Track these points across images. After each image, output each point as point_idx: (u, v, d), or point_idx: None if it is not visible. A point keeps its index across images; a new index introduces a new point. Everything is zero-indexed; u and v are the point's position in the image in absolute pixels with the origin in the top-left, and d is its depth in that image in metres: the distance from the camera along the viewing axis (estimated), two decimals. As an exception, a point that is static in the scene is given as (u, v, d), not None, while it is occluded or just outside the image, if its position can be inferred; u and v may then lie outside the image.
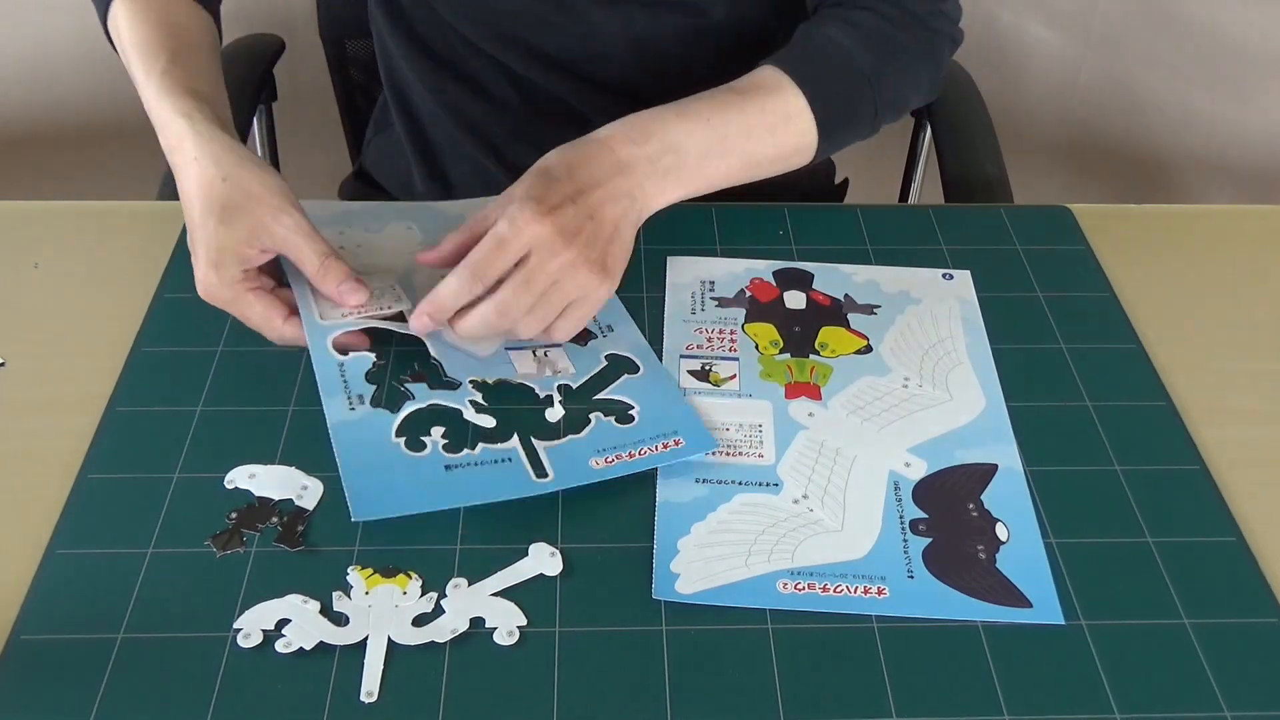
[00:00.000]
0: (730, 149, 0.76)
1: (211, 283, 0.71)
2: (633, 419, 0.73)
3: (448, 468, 0.69)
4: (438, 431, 0.71)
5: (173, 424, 0.72)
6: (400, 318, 0.75)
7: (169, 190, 0.98)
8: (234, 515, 0.67)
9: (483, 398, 0.73)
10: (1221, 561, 0.66)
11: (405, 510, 0.66)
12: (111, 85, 1.49)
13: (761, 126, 0.77)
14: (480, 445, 0.70)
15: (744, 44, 0.94)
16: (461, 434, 0.71)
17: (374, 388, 0.73)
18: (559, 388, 0.75)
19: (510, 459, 0.70)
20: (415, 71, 0.99)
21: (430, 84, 0.98)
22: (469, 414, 0.72)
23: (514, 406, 0.73)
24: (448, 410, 0.73)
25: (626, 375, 0.76)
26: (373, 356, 0.75)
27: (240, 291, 0.72)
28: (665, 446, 0.71)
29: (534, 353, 0.77)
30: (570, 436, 0.71)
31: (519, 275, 0.70)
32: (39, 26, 1.47)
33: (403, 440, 0.70)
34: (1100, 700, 0.59)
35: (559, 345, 0.77)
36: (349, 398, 0.73)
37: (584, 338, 0.78)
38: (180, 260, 0.84)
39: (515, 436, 0.71)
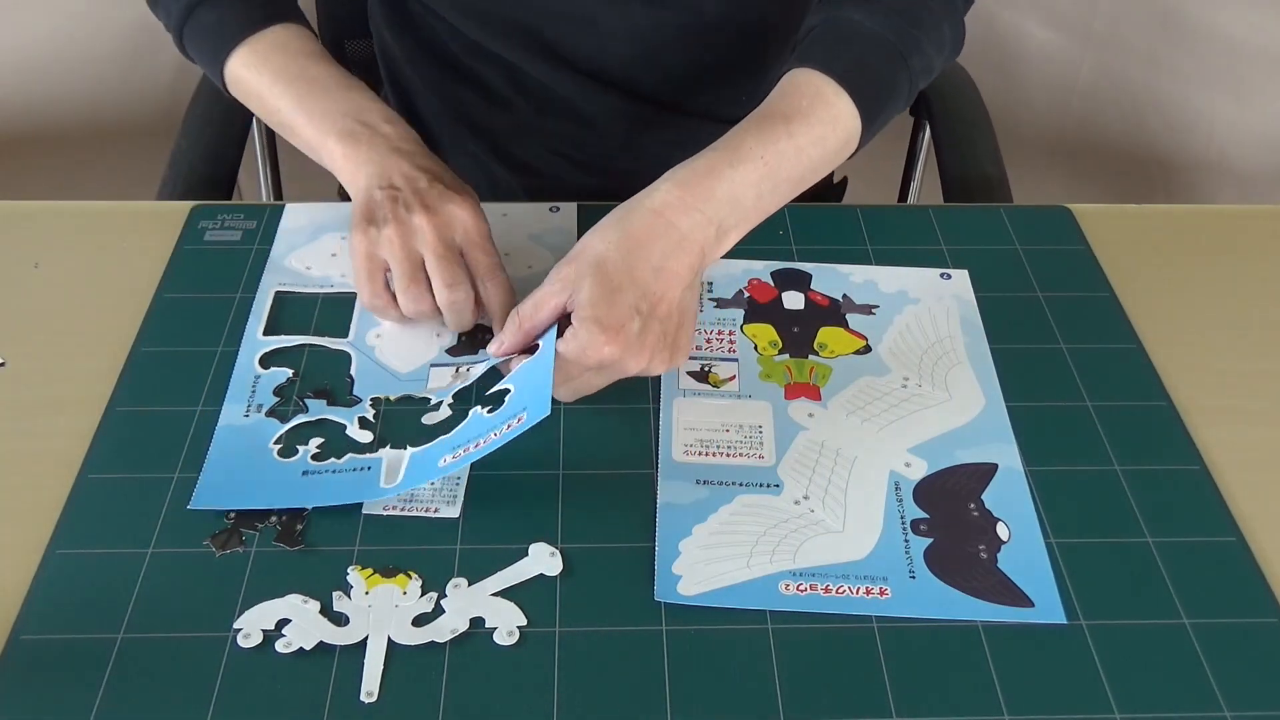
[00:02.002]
0: (783, 179, 0.74)
1: (453, 268, 0.75)
2: (502, 403, 0.71)
3: (305, 473, 0.69)
4: (314, 442, 0.71)
5: (173, 424, 0.72)
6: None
7: (169, 190, 0.98)
8: (232, 515, 0.67)
9: (373, 415, 0.73)
10: (1221, 561, 0.66)
11: (242, 505, 0.67)
12: (112, 85, 1.49)
13: (811, 144, 0.75)
14: (348, 455, 0.71)
15: (744, 40, 0.94)
16: (336, 447, 0.71)
17: (276, 400, 0.74)
18: (456, 393, 0.74)
19: (369, 467, 0.70)
20: (416, 69, 0.99)
21: (431, 81, 0.98)
22: (351, 429, 0.72)
23: (399, 421, 0.73)
24: (332, 424, 0.73)
25: (524, 357, 0.73)
26: (290, 372, 0.76)
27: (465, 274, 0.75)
28: (509, 427, 0.68)
29: (456, 369, 0.77)
30: (441, 437, 0.71)
31: (599, 371, 0.71)
32: (39, 26, 1.46)
33: (278, 448, 0.71)
34: (1100, 700, 0.59)
35: (484, 360, 0.76)
36: (249, 406, 0.73)
37: None
38: (180, 260, 0.85)
39: (386, 448, 0.71)
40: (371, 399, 0.74)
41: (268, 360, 0.77)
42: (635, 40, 0.92)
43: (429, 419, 0.73)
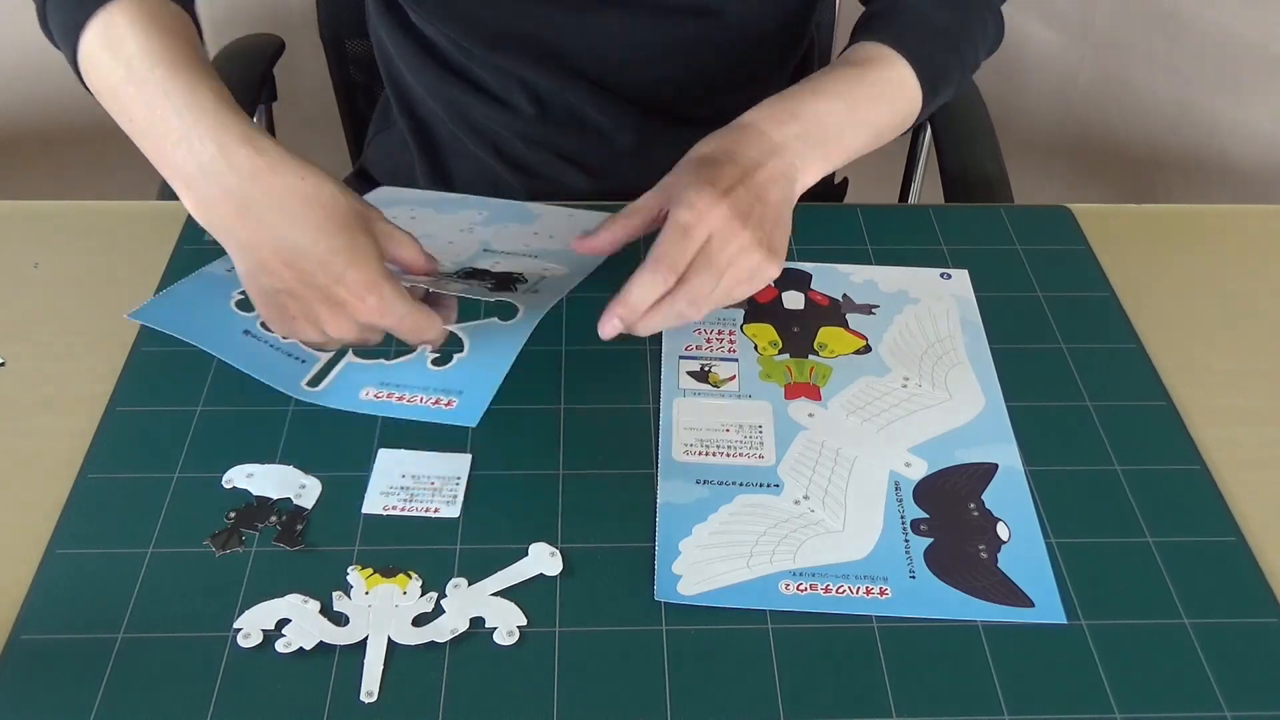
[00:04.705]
0: (861, 120, 0.78)
1: (393, 298, 0.66)
2: (450, 361, 0.71)
3: (246, 332, 0.73)
4: None
5: (172, 424, 0.72)
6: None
7: (169, 190, 0.97)
8: (232, 515, 0.67)
9: None
10: (1221, 561, 0.66)
11: (174, 332, 0.72)
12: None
13: (883, 97, 0.80)
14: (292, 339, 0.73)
15: (761, 46, 0.94)
16: None
17: None
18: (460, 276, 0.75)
19: (305, 360, 0.72)
20: (416, 76, 0.98)
21: (431, 86, 0.98)
22: None
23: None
24: None
25: (496, 319, 0.74)
26: None
27: (408, 296, 0.67)
28: (436, 403, 0.69)
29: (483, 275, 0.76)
30: (379, 360, 0.73)
31: (703, 261, 0.69)
32: (39, 26, 1.46)
33: (238, 298, 0.74)
34: (1100, 700, 0.59)
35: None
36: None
37: (511, 282, 0.76)
38: (180, 260, 0.84)
39: (332, 352, 0.73)
40: None
41: None
42: (647, 49, 0.92)
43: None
